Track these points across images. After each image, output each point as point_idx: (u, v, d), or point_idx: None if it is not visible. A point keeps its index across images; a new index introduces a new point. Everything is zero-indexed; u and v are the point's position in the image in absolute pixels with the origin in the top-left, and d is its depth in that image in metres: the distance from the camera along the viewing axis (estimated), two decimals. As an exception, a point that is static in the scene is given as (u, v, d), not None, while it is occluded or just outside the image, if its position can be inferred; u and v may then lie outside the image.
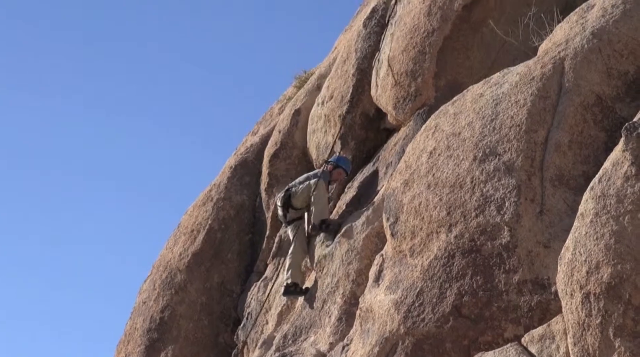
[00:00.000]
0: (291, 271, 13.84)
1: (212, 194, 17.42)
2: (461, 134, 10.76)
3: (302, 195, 14.11)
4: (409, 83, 13.70)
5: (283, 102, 19.08)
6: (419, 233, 10.62)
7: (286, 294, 13.86)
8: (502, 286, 9.59)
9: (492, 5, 13.55)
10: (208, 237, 16.77)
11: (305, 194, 14.08)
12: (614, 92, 10.12)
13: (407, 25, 14.08)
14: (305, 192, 14.08)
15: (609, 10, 10.64)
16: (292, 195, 14.21)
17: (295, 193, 14.18)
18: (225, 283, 16.46)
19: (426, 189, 10.76)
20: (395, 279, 10.72)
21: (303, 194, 14.10)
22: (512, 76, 10.88)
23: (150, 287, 17.20)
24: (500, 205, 9.80)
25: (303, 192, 14.11)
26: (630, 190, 8.52)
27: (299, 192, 14.14)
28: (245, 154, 17.89)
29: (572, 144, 9.88)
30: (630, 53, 10.25)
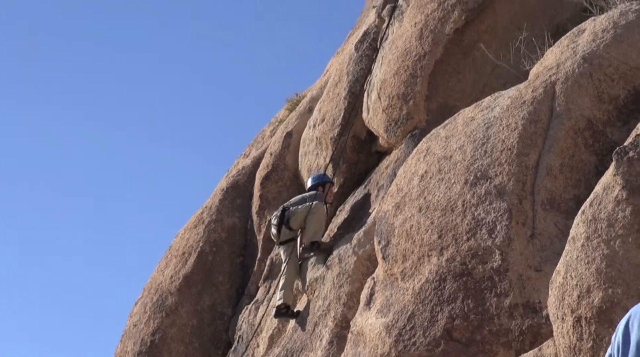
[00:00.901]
0: (283, 292, 13.82)
1: (204, 216, 17.40)
2: (452, 158, 10.77)
3: (300, 215, 14.10)
4: (400, 106, 13.72)
5: (275, 124, 19.10)
6: (411, 256, 10.62)
7: (277, 315, 13.84)
8: (493, 309, 9.58)
9: (483, 29, 13.61)
10: (199, 259, 16.74)
11: (303, 214, 14.08)
12: (605, 116, 10.15)
13: (399, 49, 14.12)
14: (303, 213, 14.07)
15: (600, 34, 10.69)
16: (291, 214, 14.19)
17: (294, 213, 14.17)
18: (217, 306, 16.41)
19: (417, 212, 10.77)
20: (387, 303, 10.71)
21: (302, 215, 14.09)
22: (504, 100, 10.91)
23: (141, 310, 17.14)
24: (492, 228, 9.81)
25: (302, 212, 14.10)
26: (621, 214, 8.53)
27: (298, 213, 14.13)
28: (237, 176, 17.88)
29: (564, 168, 9.90)
30: (620, 77, 10.29)
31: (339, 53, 18.85)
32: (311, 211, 14.01)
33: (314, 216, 13.98)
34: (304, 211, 14.08)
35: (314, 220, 13.98)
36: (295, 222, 14.16)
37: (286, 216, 14.23)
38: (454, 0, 13.79)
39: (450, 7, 13.81)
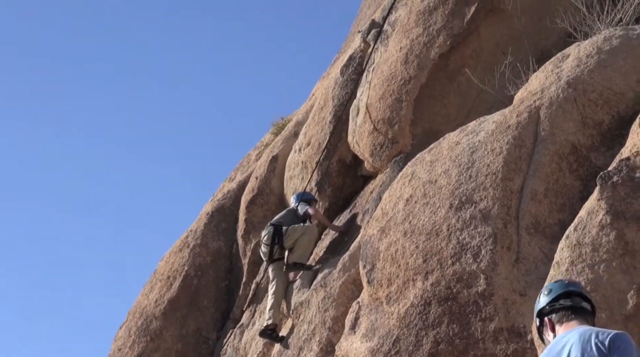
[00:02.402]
0: (272, 312, 13.78)
1: (189, 240, 17.38)
2: (437, 182, 10.78)
3: (294, 235, 14.06)
4: (385, 130, 13.75)
5: (260, 148, 19.12)
6: (396, 280, 10.61)
7: (263, 335, 13.80)
8: (478, 334, 9.57)
9: (468, 53, 13.66)
10: (184, 283, 16.71)
11: (297, 234, 14.05)
12: (589, 141, 10.18)
13: (384, 73, 14.16)
14: (297, 233, 14.05)
15: (584, 60, 10.74)
16: (285, 233, 14.13)
17: (289, 233, 14.10)
18: (201, 330, 16.37)
19: (403, 236, 10.77)
20: (372, 327, 10.70)
21: (296, 234, 14.05)
22: (488, 124, 10.94)
23: (126, 334, 17.08)
24: (477, 253, 9.81)
25: (297, 232, 14.07)
26: (605, 239, 8.56)
27: (292, 233, 14.09)
28: (222, 200, 17.88)
29: (548, 193, 9.92)
30: (605, 103, 10.33)
31: (325, 77, 18.91)
32: (305, 232, 14.02)
33: (306, 237, 13.98)
34: (299, 231, 14.06)
35: (305, 242, 13.99)
36: (288, 241, 14.13)
37: (281, 233, 14.17)
38: (439, 25, 13.85)
39: (435, 32, 13.86)
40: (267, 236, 14.30)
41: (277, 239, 14.16)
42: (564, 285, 6.49)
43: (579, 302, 6.38)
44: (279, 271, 14.12)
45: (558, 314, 6.34)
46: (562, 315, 6.31)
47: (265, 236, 14.37)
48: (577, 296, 6.41)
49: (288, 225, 14.24)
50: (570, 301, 6.37)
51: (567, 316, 6.29)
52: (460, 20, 13.79)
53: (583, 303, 6.39)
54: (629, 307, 8.23)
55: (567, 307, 6.33)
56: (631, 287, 8.28)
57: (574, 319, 6.26)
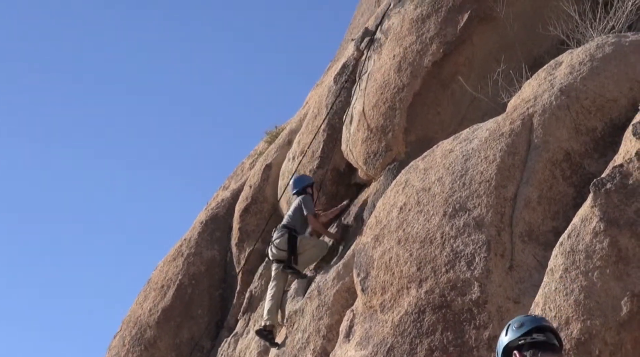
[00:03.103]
0: (271, 314, 13.74)
1: (183, 249, 17.36)
2: (431, 190, 10.78)
3: (305, 246, 13.97)
4: (379, 138, 13.76)
5: (254, 157, 19.11)
6: (390, 288, 10.60)
7: (259, 334, 13.77)
8: (472, 341, 9.56)
9: (461, 61, 13.67)
10: (178, 292, 16.69)
11: (308, 246, 13.96)
12: (582, 148, 10.19)
13: (378, 81, 14.17)
14: (308, 245, 13.96)
15: (577, 67, 10.75)
16: (299, 243, 14.05)
17: (302, 244, 14.00)
18: (196, 339, 16.34)
19: (396, 244, 10.77)
20: (366, 335, 10.69)
21: (306, 246, 13.97)
22: (482, 132, 10.94)
23: (120, 344, 17.05)
24: (470, 260, 9.81)
25: (307, 244, 14.00)
26: (599, 246, 8.57)
27: (305, 244, 14.00)
28: (216, 209, 17.86)
29: (542, 200, 9.92)
30: (597, 110, 10.34)
31: (318, 85, 18.91)
32: (317, 245, 13.94)
33: (316, 250, 13.87)
34: (311, 243, 13.98)
35: (313, 255, 13.90)
36: (299, 250, 14.05)
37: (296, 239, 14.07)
38: (432, 33, 13.86)
39: (428, 40, 13.88)
40: (282, 240, 14.12)
41: (292, 249, 14.02)
42: (537, 319, 6.44)
43: (552, 339, 6.34)
44: (281, 272, 14.07)
45: (530, 350, 6.27)
46: (535, 351, 6.24)
47: (278, 239, 14.17)
48: (549, 331, 6.37)
49: (299, 227, 14.16)
50: (544, 336, 6.32)
51: (541, 350, 6.23)
52: (453, 28, 13.81)
53: (554, 340, 6.35)
54: (623, 314, 8.23)
55: (540, 342, 6.28)
56: (625, 294, 8.28)
57: (547, 354, 6.20)
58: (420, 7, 14.41)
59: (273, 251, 14.27)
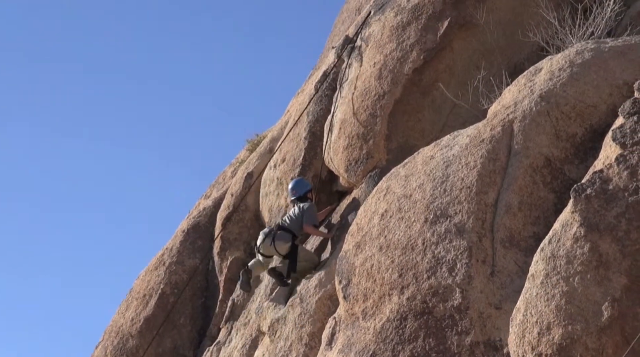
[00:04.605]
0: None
1: (165, 258, 17.32)
2: (412, 196, 10.80)
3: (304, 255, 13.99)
4: (360, 145, 13.76)
5: (236, 165, 19.09)
6: (371, 295, 10.60)
7: (271, 273, 13.90)
8: (454, 347, 9.57)
9: (442, 68, 13.71)
10: (160, 301, 16.64)
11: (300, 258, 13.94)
12: (562, 154, 10.22)
13: (358, 89, 14.18)
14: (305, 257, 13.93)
15: (556, 73, 10.79)
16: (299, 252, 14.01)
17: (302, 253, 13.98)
18: (178, 348, 16.29)
19: (378, 251, 10.77)
20: (348, 342, 10.68)
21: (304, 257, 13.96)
22: (462, 138, 10.96)
23: (102, 354, 17.00)
24: (452, 267, 9.82)
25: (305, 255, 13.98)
26: (579, 251, 8.59)
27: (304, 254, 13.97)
28: (198, 217, 17.84)
29: (522, 206, 9.94)
30: (577, 115, 10.37)
31: (299, 93, 18.90)
32: (308, 260, 13.81)
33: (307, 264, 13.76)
34: (302, 257, 13.85)
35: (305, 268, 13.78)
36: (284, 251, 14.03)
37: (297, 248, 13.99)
38: (413, 41, 13.89)
39: (408, 47, 13.90)
40: (283, 246, 13.84)
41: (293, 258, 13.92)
42: None
43: None
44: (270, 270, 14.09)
45: None
46: None
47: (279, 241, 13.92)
48: None
49: (299, 233, 14.06)
50: None
51: None
52: (433, 35, 13.84)
53: None
54: (604, 319, 8.25)
55: None
56: (606, 299, 8.31)
57: None
58: (400, 14, 14.43)
59: (268, 248, 14.16)
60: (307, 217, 13.97)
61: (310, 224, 13.93)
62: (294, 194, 14.47)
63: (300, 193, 14.41)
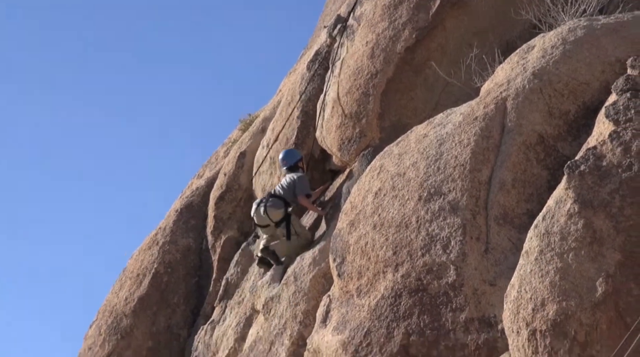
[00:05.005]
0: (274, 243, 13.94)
1: (158, 237, 17.34)
2: (406, 174, 10.83)
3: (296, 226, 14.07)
4: (353, 124, 13.78)
5: (228, 145, 19.10)
6: (366, 273, 10.64)
7: (264, 252, 13.96)
8: (449, 324, 9.62)
9: (434, 46, 13.70)
10: (154, 281, 16.67)
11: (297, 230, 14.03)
12: (555, 131, 10.26)
13: (351, 68, 14.18)
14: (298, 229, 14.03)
15: (549, 51, 10.81)
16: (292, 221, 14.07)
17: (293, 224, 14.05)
18: (172, 327, 16.33)
19: (372, 229, 10.80)
20: (343, 320, 10.72)
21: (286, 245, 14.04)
22: (456, 116, 10.99)
23: (96, 333, 17.03)
24: (446, 244, 9.86)
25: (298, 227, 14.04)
26: (573, 227, 8.63)
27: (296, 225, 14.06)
28: (191, 197, 17.85)
29: (516, 183, 9.98)
30: (570, 92, 10.40)
31: (292, 73, 18.90)
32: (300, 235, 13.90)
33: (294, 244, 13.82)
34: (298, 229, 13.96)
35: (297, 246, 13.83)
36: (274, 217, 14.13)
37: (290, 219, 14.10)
38: (405, 19, 13.88)
39: (400, 25, 13.90)
40: (276, 212, 14.03)
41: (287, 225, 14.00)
42: None
43: None
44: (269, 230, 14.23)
45: None
46: None
47: (272, 208, 14.08)
48: None
49: (292, 202, 14.14)
50: None
51: None
52: (425, 13, 13.83)
53: None
54: (598, 295, 8.29)
55: None
56: (600, 274, 8.35)
57: None
58: (392, -8, 14.42)
59: (261, 216, 14.26)
60: (299, 187, 14.06)
61: (303, 193, 14.01)
62: (284, 164, 14.58)
63: (291, 163, 14.49)
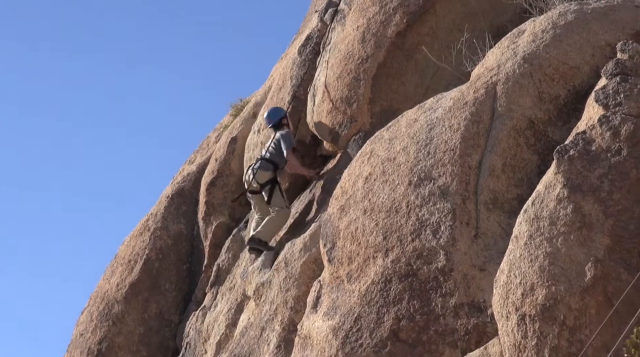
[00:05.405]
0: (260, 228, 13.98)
1: (149, 223, 17.31)
2: (396, 159, 10.81)
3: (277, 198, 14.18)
4: (344, 109, 13.75)
5: (220, 130, 19.05)
6: (356, 258, 10.64)
7: (251, 242, 14.01)
8: (439, 309, 9.63)
9: (425, 31, 13.67)
10: (145, 267, 16.65)
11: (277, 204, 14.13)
12: (545, 116, 10.26)
13: (342, 52, 14.15)
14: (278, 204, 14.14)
15: (539, 35, 10.79)
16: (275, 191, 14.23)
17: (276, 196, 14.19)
18: (164, 313, 16.33)
19: (362, 214, 10.80)
20: (333, 305, 10.72)
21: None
22: (446, 101, 10.97)
23: (88, 319, 17.01)
24: (436, 229, 9.86)
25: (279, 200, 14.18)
26: (562, 212, 8.64)
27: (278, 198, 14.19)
28: (182, 183, 17.82)
29: (506, 168, 9.98)
30: (561, 77, 10.40)
31: (283, 58, 18.84)
32: (276, 214, 13.96)
33: (278, 214, 13.92)
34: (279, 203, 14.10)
35: (275, 219, 13.92)
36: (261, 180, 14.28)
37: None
38: (396, 3, 13.84)
39: (391, 10, 13.86)
40: (263, 174, 14.22)
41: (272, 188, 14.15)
42: None
43: None
44: (259, 202, 14.35)
45: None
46: None
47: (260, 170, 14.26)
48: None
49: (280, 162, 14.31)
50: None
51: None
52: (416, -2, 13.79)
53: None
54: (587, 280, 8.32)
55: None
56: (589, 259, 8.37)
57: None
58: (383, -23, 14.38)
59: (250, 180, 14.38)
60: (285, 142, 14.23)
61: (289, 148, 14.16)
62: (269, 121, 14.75)
63: (275, 120, 14.61)
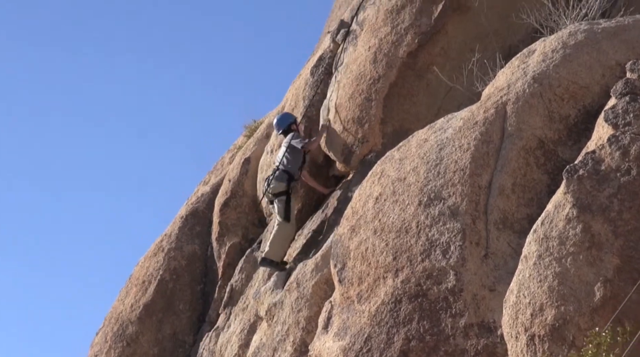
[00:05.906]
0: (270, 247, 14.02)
1: (163, 244, 17.34)
2: (406, 179, 10.81)
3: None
4: (356, 130, 13.76)
5: (233, 151, 19.09)
6: (366, 279, 10.63)
7: (263, 264, 14.09)
8: (448, 330, 9.61)
9: (436, 51, 13.69)
10: (159, 287, 16.67)
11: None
12: (555, 135, 10.24)
13: (354, 73, 14.17)
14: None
15: (550, 55, 10.79)
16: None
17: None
18: (177, 334, 16.34)
19: (372, 234, 10.79)
20: (344, 325, 10.71)
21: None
22: (456, 121, 10.97)
23: (102, 340, 17.04)
24: (446, 249, 9.84)
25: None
26: (572, 232, 8.61)
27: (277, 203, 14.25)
28: (196, 203, 17.85)
29: (516, 188, 9.96)
30: (571, 97, 10.38)
31: (297, 79, 18.88)
32: (278, 228, 14.00)
33: (278, 234, 13.95)
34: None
35: (280, 234, 13.95)
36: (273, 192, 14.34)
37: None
38: (407, 24, 13.87)
39: (403, 30, 13.88)
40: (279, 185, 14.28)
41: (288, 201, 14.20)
42: None
43: None
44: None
45: None
46: None
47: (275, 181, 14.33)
48: None
49: (295, 171, 14.36)
50: None
51: None
52: (427, 18, 13.81)
53: None
54: (596, 300, 8.29)
55: None
56: (598, 279, 8.34)
57: None
58: (395, -3, 14.42)
59: (265, 191, 14.48)
60: (296, 139, 14.36)
61: (300, 145, 14.27)
62: (278, 128, 14.90)
63: (284, 126, 14.75)
